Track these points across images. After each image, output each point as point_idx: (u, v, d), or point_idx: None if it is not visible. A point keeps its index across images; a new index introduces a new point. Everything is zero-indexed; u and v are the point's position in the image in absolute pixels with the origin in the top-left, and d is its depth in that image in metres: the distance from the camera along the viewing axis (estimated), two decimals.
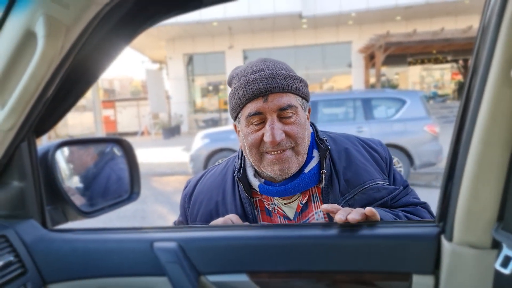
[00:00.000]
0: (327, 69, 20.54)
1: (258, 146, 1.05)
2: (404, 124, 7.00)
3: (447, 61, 21.81)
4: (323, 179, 1.09)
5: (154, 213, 6.31)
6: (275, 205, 1.15)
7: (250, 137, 1.05)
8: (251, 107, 1.03)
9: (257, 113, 1.03)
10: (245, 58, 20.27)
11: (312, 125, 1.20)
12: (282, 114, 1.03)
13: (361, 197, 1.08)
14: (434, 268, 0.78)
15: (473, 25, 15.32)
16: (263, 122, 1.04)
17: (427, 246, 0.79)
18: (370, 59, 18.93)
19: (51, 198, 1.02)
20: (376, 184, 1.10)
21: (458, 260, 0.73)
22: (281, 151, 1.03)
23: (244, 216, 1.13)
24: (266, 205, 1.16)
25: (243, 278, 0.88)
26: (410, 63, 21.88)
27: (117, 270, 0.92)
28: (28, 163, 0.93)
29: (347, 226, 0.87)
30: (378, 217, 0.91)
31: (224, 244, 0.89)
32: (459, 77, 22.08)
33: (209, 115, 21.37)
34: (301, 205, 1.13)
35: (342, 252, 0.83)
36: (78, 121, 23.26)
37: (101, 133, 16.78)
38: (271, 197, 1.14)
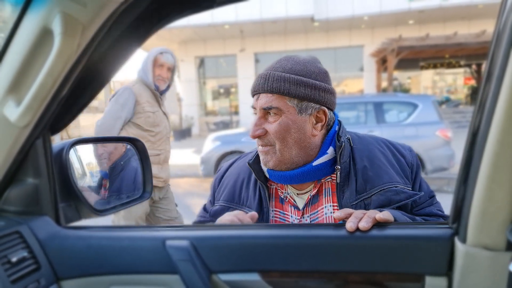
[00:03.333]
0: (338, 73, 20.48)
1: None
2: (416, 128, 6.94)
3: (460, 66, 21.59)
4: (338, 175, 1.11)
5: None
6: (288, 194, 1.20)
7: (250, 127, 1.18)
8: (253, 101, 1.17)
9: (253, 107, 1.16)
10: (257, 61, 20.32)
11: (339, 123, 1.23)
12: (266, 113, 1.12)
13: (378, 197, 1.08)
14: (447, 269, 0.78)
15: (487, 30, 15.14)
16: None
17: (440, 247, 0.78)
18: (382, 63, 18.82)
19: (65, 195, 1.03)
20: (396, 187, 1.09)
21: (471, 262, 0.72)
22: (263, 145, 1.15)
23: (259, 202, 1.20)
24: (280, 193, 1.22)
25: (254, 277, 0.88)
26: (422, 68, 21.71)
27: (130, 268, 0.93)
28: (43, 160, 0.95)
29: None
30: (392, 221, 0.91)
31: (236, 243, 0.89)
32: (472, 82, 21.82)
33: (220, 118, 21.44)
34: (310, 197, 1.16)
35: (354, 253, 0.83)
36: (90, 123, 23.47)
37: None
38: (285, 186, 1.21)
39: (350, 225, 0.86)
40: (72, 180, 1.05)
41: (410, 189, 1.13)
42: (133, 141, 1.30)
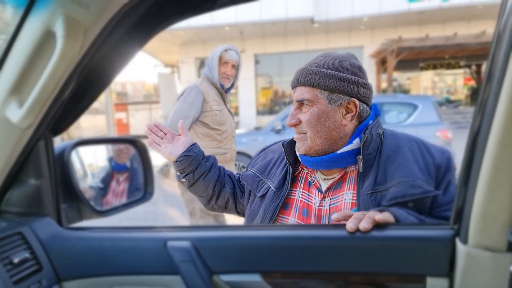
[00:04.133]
0: None
1: None
2: (416, 129, 6.93)
3: (459, 67, 21.58)
4: (360, 164, 1.17)
5: (164, 215, 6.34)
6: (316, 178, 1.30)
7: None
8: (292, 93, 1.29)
9: (291, 100, 1.30)
10: (257, 62, 20.32)
11: (376, 118, 1.31)
12: (300, 104, 1.24)
13: (394, 190, 1.09)
14: (449, 270, 0.78)
15: (487, 30, 15.16)
16: None
17: (441, 248, 0.78)
18: (382, 64, 18.83)
19: (67, 196, 1.03)
20: (413, 181, 1.09)
21: (473, 262, 0.72)
22: (298, 133, 1.26)
23: (283, 179, 1.32)
24: (309, 177, 1.32)
25: (256, 278, 0.88)
26: (422, 68, 21.70)
27: (131, 268, 0.93)
28: (45, 161, 0.95)
29: None
30: (392, 221, 0.91)
31: (237, 244, 0.89)
32: (472, 83, 21.82)
33: None
34: (335, 183, 1.25)
35: (356, 253, 0.83)
36: (91, 124, 23.54)
37: (113, 136, 16.93)
38: (315, 171, 1.31)
39: (350, 225, 0.87)
40: (74, 181, 1.06)
41: (431, 188, 1.10)
42: (134, 142, 1.31)
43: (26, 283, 0.85)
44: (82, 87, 0.89)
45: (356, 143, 1.21)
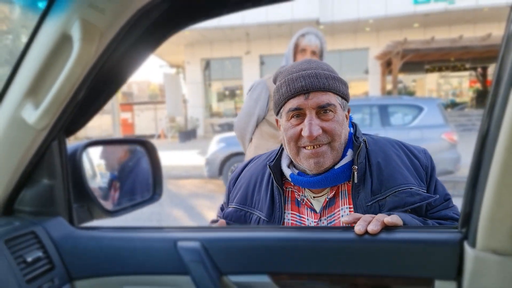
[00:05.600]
0: (343, 75, 19.93)
1: (297, 140, 1.13)
2: (421, 131, 6.92)
3: (465, 69, 21.49)
4: (355, 175, 1.11)
5: (169, 215, 6.36)
6: (305, 197, 1.20)
7: (290, 131, 1.13)
8: (292, 103, 1.11)
9: (297, 109, 1.11)
10: (262, 63, 20.33)
11: (354, 125, 1.24)
12: (321, 111, 1.10)
13: (392, 199, 1.08)
14: (457, 274, 0.78)
15: (492, 33, 15.07)
16: (302, 117, 1.12)
17: (449, 251, 0.78)
18: (387, 65, 18.78)
19: (78, 196, 1.05)
20: (410, 188, 1.09)
21: (481, 266, 0.72)
22: (318, 146, 1.10)
23: (271, 204, 1.19)
24: (297, 196, 1.21)
25: (264, 279, 0.89)
26: (427, 71, 21.63)
27: (142, 268, 0.94)
28: (58, 162, 0.97)
29: None
30: (401, 224, 0.91)
31: (247, 245, 0.90)
32: (478, 85, 21.71)
33: (225, 120, 21.46)
34: (327, 200, 1.16)
35: (364, 256, 0.84)
36: (97, 124, 23.62)
37: (118, 136, 17.00)
38: (303, 189, 1.20)
39: (358, 228, 0.87)
40: (85, 181, 1.07)
41: (425, 191, 1.12)
42: (143, 143, 1.32)
43: (38, 281, 0.87)
44: (95, 89, 0.91)
45: (350, 154, 1.16)
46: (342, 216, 1.14)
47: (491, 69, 20.63)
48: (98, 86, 0.91)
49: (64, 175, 0.98)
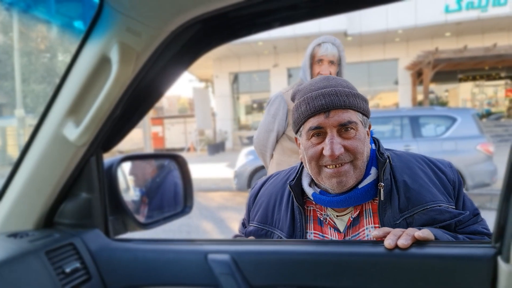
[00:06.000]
0: (372, 87, 20.19)
1: (318, 159, 1.10)
2: (455, 142, 6.72)
3: (500, 78, 20.76)
4: (381, 192, 1.08)
5: (198, 228, 6.43)
6: (328, 216, 1.18)
7: (310, 150, 1.11)
8: (312, 122, 1.09)
9: (318, 127, 1.09)
10: (289, 76, 20.40)
11: (376, 140, 1.22)
12: (342, 129, 1.08)
13: (421, 217, 1.05)
14: None
15: None
16: (323, 136, 1.09)
17: (482, 267, 0.77)
18: (418, 76, 18.42)
19: (114, 209, 1.09)
20: (439, 206, 1.06)
21: None
22: (340, 164, 1.08)
23: (292, 224, 1.18)
24: (319, 215, 1.19)
25: None
26: (460, 80, 21.03)
27: (174, 279, 0.97)
28: (96, 176, 1.01)
29: None
30: (432, 239, 0.90)
31: (276, 258, 0.91)
32: None
33: (253, 132, 21.57)
34: (352, 219, 1.14)
35: (394, 271, 0.83)
36: (128, 137, 24.04)
37: (149, 149, 17.40)
38: (325, 208, 1.18)
39: (388, 242, 0.86)
40: (120, 194, 1.12)
41: (454, 207, 1.10)
42: (175, 157, 1.36)
43: None
44: (131, 107, 0.96)
45: (374, 172, 1.13)
46: (367, 235, 1.12)
47: None
48: (133, 104, 0.96)
49: (101, 189, 1.03)
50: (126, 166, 1.31)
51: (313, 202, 1.20)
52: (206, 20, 0.79)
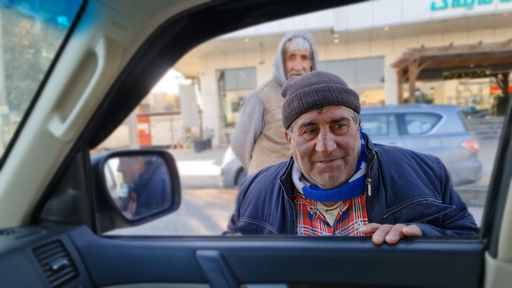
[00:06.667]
0: (358, 84, 20.33)
1: (310, 155, 1.11)
2: (441, 140, 6.82)
3: (485, 75, 21.11)
4: (369, 188, 1.10)
5: (185, 225, 6.40)
6: (317, 210, 1.19)
7: (303, 146, 1.11)
8: (305, 118, 1.10)
9: (310, 124, 1.09)
10: None
11: (365, 136, 1.23)
12: (335, 125, 1.08)
13: (408, 211, 1.07)
14: (478, 285, 0.77)
15: None
16: (315, 132, 1.10)
17: (470, 262, 0.77)
18: (404, 73, 18.61)
19: (101, 206, 1.08)
20: (426, 200, 1.08)
21: (502, 277, 0.71)
22: (332, 160, 1.08)
23: (282, 218, 1.19)
24: (309, 209, 1.20)
25: None
26: (446, 77, 21.33)
27: (162, 276, 0.96)
28: (82, 173, 1.00)
29: None
30: (420, 235, 0.91)
31: (265, 254, 0.91)
32: (499, 92, 21.30)
33: None
34: (341, 213, 1.15)
35: (382, 266, 0.84)
36: (114, 134, 23.82)
37: (135, 146, 17.24)
38: (315, 202, 1.19)
39: (376, 238, 0.87)
40: (107, 191, 1.10)
41: (441, 201, 1.11)
42: (162, 154, 1.35)
43: None
44: (118, 102, 0.94)
45: (363, 167, 1.15)
46: (356, 229, 1.13)
47: None
48: (120, 100, 0.94)
49: (88, 186, 1.02)
50: (114, 163, 1.30)
51: (303, 197, 1.21)
52: (193, 14, 0.79)
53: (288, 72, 2.43)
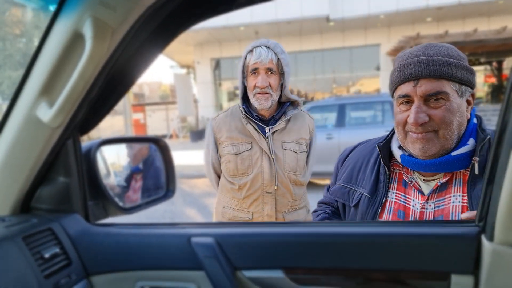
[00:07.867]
0: (354, 73, 20.32)
1: (404, 125, 1.16)
2: None
3: (480, 63, 21.14)
4: (475, 166, 1.08)
5: (182, 214, 6.42)
6: (413, 179, 1.20)
7: (398, 116, 1.17)
8: (401, 90, 1.14)
9: (406, 96, 1.13)
10: None
11: (478, 117, 1.21)
12: (432, 99, 1.09)
13: None
14: (474, 268, 0.77)
15: (508, 26, 14.80)
16: (410, 104, 1.13)
17: (466, 245, 0.78)
18: None
19: (93, 194, 1.06)
20: None
21: (499, 260, 0.71)
22: (423, 132, 1.11)
23: (375, 182, 1.24)
24: (404, 177, 1.22)
25: (278, 274, 0.89)
26: None
27: (156, 264, 0.95)
28: (73, 160, 0.98)
29: (384, 224, 0.87)
30: None
31: (260, 240, 0.91)
32: (493, 80, 21.35)
33: None
34: (439, 184, 1.15)
35: (379, 250, 0.83)
36: (109, 124, 23.90)
37: (135, 135, 17.18)
38: (411, 172, 1.21)
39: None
40: (100, 179, 1.08)
41: None
42: (156, 141, 1.33)
43: (56, 277, 0.88)
44: (108, 87, 0.92)
45: (471, 144, 1.12)
46: (453, 202, 1.12)
47: (507, 63, 20.28)
48: (110, 85, 0.92)
49: (79, 173, 1.00)
50: (107, 151, 1.28)
51: (400, 166, 1.23)
52: None
53: (251, 91, 1.96)
